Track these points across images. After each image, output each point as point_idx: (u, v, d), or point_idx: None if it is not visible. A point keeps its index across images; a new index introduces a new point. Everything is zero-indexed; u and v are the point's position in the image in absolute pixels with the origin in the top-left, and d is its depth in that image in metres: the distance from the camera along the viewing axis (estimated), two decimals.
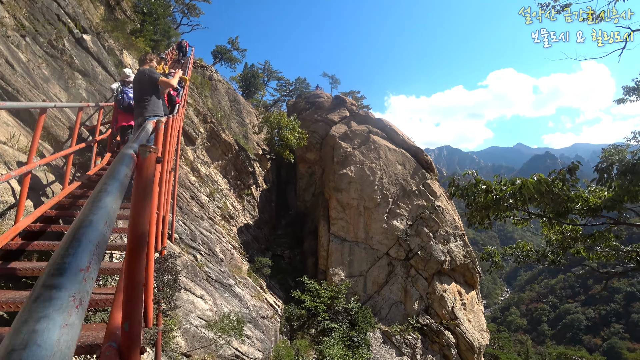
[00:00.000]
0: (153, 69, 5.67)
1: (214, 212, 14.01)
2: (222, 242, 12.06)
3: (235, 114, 22.58)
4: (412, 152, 19.76)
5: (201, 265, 8.15)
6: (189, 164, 14.38)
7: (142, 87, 5.38)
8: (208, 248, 9.72)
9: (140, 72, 5.45)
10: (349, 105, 24.67)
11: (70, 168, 4.74)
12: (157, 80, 5.44)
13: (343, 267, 17.12)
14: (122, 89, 7.08)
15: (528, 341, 38.00)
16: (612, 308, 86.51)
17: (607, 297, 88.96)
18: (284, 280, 17.86)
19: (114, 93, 7.21)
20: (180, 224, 8.66)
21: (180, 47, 17.51)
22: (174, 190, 8.35)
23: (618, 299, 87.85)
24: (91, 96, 8.45)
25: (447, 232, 18.17)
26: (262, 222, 20.02)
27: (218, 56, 31.33)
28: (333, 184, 18.01)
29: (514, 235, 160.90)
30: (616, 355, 71.83)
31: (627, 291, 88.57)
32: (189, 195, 11.82)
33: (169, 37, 17.80)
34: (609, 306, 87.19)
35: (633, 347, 74.70)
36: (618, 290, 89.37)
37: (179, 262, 4.66)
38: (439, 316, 17.22)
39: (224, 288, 8.86)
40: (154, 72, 5.49)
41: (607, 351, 73.88)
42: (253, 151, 21.67)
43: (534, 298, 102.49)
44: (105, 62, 10.07)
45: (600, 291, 74.63)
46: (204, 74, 21.48)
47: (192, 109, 16.11)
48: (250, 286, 12.85)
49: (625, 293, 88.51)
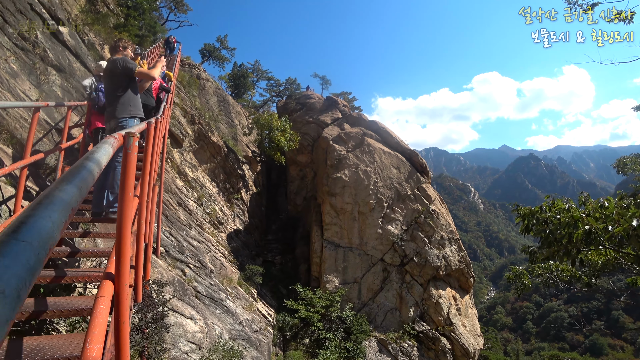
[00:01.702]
0: (127, 57, 4.73)
1: (203, 219, 13.26)
2: (211, 251, 11.35)
3: (224, 114, 21.79)
4: (407, 155, 19.38)
5: (190, 281, 7.46)
6: (176, 167, 13.59)
7: (114, 79, 4.48)
8: (197, 260, 9.02)
9: (112, 62, 4.54)
10: (341, 107, 24.18)
11: (23, 184, 3.91)
12: (133, 71, 4.53)
13: (337, 273, 16.57)
14: (96, 85, 6.15)
15: (518, 342, 38.17)
16: (594, 305, 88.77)
17: (589, 294, 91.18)
18: (275, 288, 17.20)
19: (87, 91, 6.19)
20: (166, 235, 7.95)
21: (168, 43, 16.62)
22: (159, 199, 7.66)
23: (599, 297, 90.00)
24: (67, 94, 7.67)
25: (442, 236, 17.85)
26: (252, 227, 19.30)
27: (206, 54, 30.39)
28: (327, 188, 17.45)
29: (499, 236, 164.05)
30: (598, 350, 73.66)
31: (607, 289, 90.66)
32: (176, 201, 11.07)
33: (154, 33, 16.90)
34: (590, 304, 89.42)
35: (614, 344, 76.72)
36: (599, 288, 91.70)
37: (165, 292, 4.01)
38: (434, 322, 16.88)
39: (215, 304, 8.18)
40: (129, 62, 4.58)
41: (589, 347, 75.74)
42: (242, 153, 20.93)
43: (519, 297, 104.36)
44: (84, 57, 9.25)
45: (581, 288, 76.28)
46: (191, 72, 20.62)
47: (179, 109, 15.31)
48: (241, 296, 12.18)
49: (606, 291, 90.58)
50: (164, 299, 3.42)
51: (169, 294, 6.24)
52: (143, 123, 3.36)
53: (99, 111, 5.94)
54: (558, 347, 77.32)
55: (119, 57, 4.63)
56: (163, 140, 7.79)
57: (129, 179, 1.70)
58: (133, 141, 1.71)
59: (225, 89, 28.83)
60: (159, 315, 3.27)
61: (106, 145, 1.30)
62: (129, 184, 1.70)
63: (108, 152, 1.24)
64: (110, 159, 3.38)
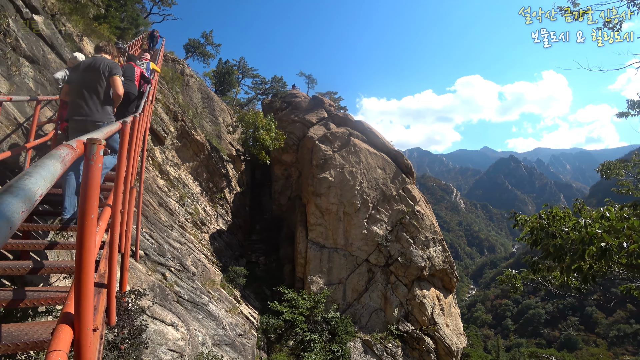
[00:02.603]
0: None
1: (185, 219, 12.88)
2: (193, 253, 11.02)
3: (208, 112, 21.32)
4: (392, 156, 19.43)
5: (171, 285, 7.17)
6: (157, 166, 13.16)
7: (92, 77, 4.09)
8: (178, 262, 8.71)
9: (98, 60, 4.20)
10: (327, 107, 24.05)
11: None
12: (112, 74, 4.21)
13: (322, 274, 16.46)
14: None
15: (499, 340, 39.03)
16: (569, 302, 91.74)
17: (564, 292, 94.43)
18: (259, 289, 16.95)
19: (59, 84, 5.65)
20: (146, 237, 7.62)
21: (152, 36, 16.04)
22: (139, 199, 7.33)
23: (574, 294, 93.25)
24: (40, 87, 7.24)
25: (426, 237, 17.98)
26: (236, 227, 18.96)
27: (191, 50, 29.67)
28: (312, 189, 17.29)
29: (480, 235, 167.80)
30: (573, 345, 76.41)
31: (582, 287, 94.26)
32: (157, 201, 10.68)
33: (137, 26, 16.30)
34: (566, 300, 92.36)
35: (587, 338, 79.71)
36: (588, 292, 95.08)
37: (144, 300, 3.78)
38: (418, 322, 16.99)
39: (197, 308, 7.92)
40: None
41: (564, 342, 78.51)
42: (226, 152, 20.53)
43: (498, 294, 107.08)
44: (60, 48, 8.78)
45: None
46: (175, 68, 20.06)
47: (162, 106, 14.84)
48: (224, 299, 11.90)
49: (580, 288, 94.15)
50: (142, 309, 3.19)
51: (149, 300, 5.97)
52: (117, 123, 3.06)
53: None
54: (535, 343, 79.83)
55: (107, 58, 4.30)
56: (144, 138, 7.46)
57: (90, 198, 1.31)
58: (97, 150, 1.32)
59: (210, 85, 28.24)
60: (136, 330, 3.03)
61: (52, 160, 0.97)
62: (91, 204, 1.31)
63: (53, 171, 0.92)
64: None
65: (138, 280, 5.96)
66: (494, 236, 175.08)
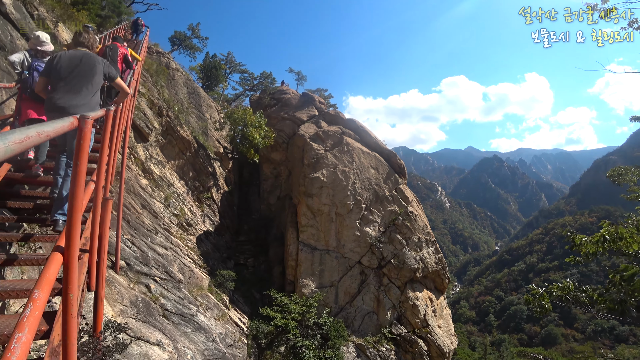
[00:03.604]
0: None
1: (170, 221, 12.13)
2: (179, 258, 10.33)
3: (195, 107, 20.44)
4: (385, 155, 19.03)
5: (156, 298, 6.51)
6: (140, 164, 12.34)
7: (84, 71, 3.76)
8: (164, 270, 8.03)
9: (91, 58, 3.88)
10: (318, 104, 23.48)
11: None
12: (115, 78, 4.07)
13: (313, 277, 15.94)
14: (30, 63, 4.69)
15: (486, 338, 39.41)
16: None
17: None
18: (248, 293, 16.30)
19: (16, 69, 4.73)
20: (128, 244, 6.92)
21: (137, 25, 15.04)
22: (118, 201, 6.64)
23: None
24: (6, 75, 6.46)
25: (419, 238, 17.69)
26: (223, 228, 18.23)
27: (176, 43, 28.51)
28: (303, 189, 16.72)
29: (464, 233, 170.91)
30: (552, 340, 78.58)
31: None
32: (140, 203, 9.93)
33: (119, 14, 15.31)
34: None
35: (567, 333, 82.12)
36: (554, 281, 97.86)
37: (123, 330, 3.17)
38: (411, 324, 16.71)
39: (186, 321, 7.28)
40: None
41: (544, 337, 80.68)
42: (213, 149, 19.73)
43: (481, 291, 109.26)
44: (31, 33, 7.94)
45: None
46: (160, 61, 19.09)
47: (145, 100, 13.98)
48: (213, 306, 11.26)
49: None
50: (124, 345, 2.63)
51: (132, 317, 5.34)
52: (101, 110, 2.86)
53: (32, 97, 4.54)
54: (517, 338, 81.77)
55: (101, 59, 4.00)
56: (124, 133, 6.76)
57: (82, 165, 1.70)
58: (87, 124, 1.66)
59: (196, 80, 27.22)
60: None
61: None
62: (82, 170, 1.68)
63: None
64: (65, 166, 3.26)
65: (119, 296, 5.31)
66: (478, 234, 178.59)
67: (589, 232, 32.32)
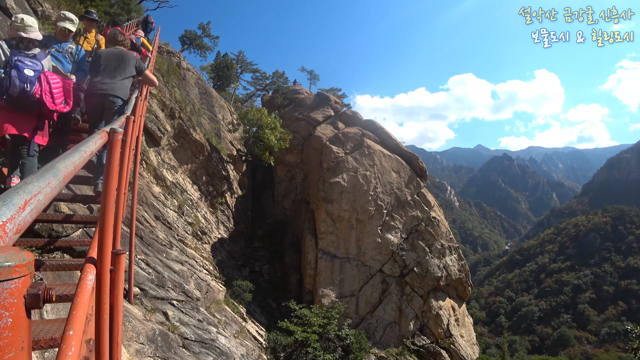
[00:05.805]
0: None
1: (185, 231, 11.45)
2: (195, 272, 9.64)
3: (207, 108, 19.76)
4: (407, 158, 18.13)
5: (175, 327, 5.80)
6: (152, 170, 11.67)
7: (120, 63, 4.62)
8: (181, 290, 7.32)
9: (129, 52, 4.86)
10: (333, 104, 22.66)
11: None
12: (144, 70, 4.91)
13: (333, 287, 15.17)
14: (9, 57, 3.49)
15: (504, 343, 38.27)
16: (562, 300, 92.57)
17: (557, 289, 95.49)
18: (264, 302, 15.61)
19: None
20: (142, 266, 6.22)
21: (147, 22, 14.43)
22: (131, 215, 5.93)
23: (567, 291, 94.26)
24: None
25: (442, 245, 16.82)
26: (238, 234, 17.55)
27: (187, 42, 27.88)
28: (322, 194, 15.92)
29: (473, 233, 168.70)
30: (565, 342, 76.88)
31: (574, 284, 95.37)
32: (153, 214, 9.25)
33: (128, 12, 14.69)
34: (558, 298, 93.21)
35: (579, 335, 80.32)
36: (567, 283, 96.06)
37: None
38: (434, 335, 15.90)
39: (206, 347, 6.57)
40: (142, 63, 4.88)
41: (557, 339, 78.98)
42: (227, 152, 19.03)
43: (492, 292, 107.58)
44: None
45: None
46: (170, 60, 18.43)
47: (157, 101, 13.31)
48: (231, 320, 10.57)
49: (572, 286, 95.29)
50: None
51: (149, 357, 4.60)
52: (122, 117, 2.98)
53: (10, 104, 3.37)
54: (529, 340, 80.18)
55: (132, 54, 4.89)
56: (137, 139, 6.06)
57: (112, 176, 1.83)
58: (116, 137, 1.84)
59: (207, 80, 26.57)
60: None
61: None
62: None
63: None
64: None
65: (134, 333, 4.59)
66: (488, 234, 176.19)
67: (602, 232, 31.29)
